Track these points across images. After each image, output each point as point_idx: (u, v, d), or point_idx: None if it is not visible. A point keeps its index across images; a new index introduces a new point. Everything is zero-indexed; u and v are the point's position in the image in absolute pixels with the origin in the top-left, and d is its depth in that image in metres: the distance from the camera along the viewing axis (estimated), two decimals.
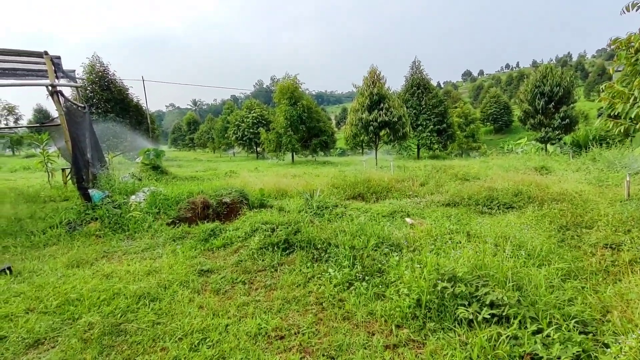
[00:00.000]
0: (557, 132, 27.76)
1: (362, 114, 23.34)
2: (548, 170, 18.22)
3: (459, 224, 7.61)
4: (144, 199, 9.29)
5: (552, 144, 27.73)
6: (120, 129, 29.19)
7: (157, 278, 5.20)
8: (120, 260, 6.22)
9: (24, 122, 67.26)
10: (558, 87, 28.32)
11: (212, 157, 57.68)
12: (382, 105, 23.28)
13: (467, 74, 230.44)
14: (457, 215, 10.23)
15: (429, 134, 38.99)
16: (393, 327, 3.92)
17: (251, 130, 47.64)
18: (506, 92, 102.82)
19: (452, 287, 4.05)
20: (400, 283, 4.67)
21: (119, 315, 4.30)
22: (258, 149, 50.83)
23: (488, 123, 73.16)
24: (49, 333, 4.04)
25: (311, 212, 11.47)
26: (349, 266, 5.24)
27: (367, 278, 4.98)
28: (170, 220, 8.66)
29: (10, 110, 66.19)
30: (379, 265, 5.30)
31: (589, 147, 26.55)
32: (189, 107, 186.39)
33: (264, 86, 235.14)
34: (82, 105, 11.56)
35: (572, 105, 29.00)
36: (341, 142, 58.70)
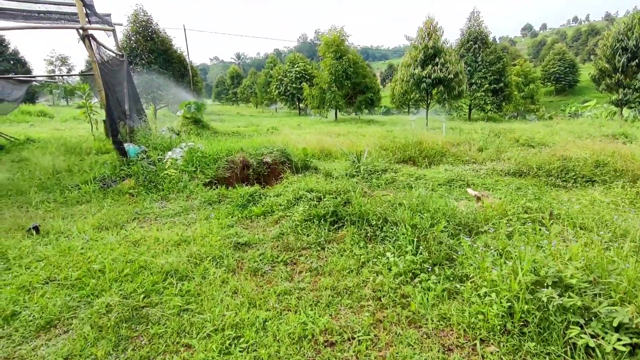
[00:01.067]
0: (637, 95, 24.41)
1: (414, 69, 21.42)
2: (629, 138, 15.98)
3: (537, 201, 6.38)
4: (180, 156, 8.70)
5: (631, 107, 24.54)
6: (164, 81, 28.96)
7: (188, 251, 4.54)
8: (151, 225, 5.65)
9: (76, 72, 69.44)
10: None
11: (255, 112, 57.40)
12: (437, 60, 21.18)
13: (527, 28, 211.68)
14: (527, 188, 8.93)
15: (483, 94, 36.08)
16: (477, 342, 3.02)
17: (294, 85, 46.34)
18: (572, 48, 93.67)
19: (559, 296, 3.05)
20: (479, 279, 3.71)
21: (142, 296, 3.68)
22: (300, 105, 49.71)
23: (549, 83, 67.15)
24: (63, 313, 3.50)
25: (358, 176, 10.55)
26: (411, 251, 4.32)
27: (435, 268, 4.05)
28: (208, 180, 8.04)
29: (63, 60, 68.33)
30: (447, 251, 4.34)
31: None
32: (233, 60, 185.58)
33: (308, 40, 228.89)
34: (120, 53, 10.93)
35: None
36: (386, 100, 56.26)
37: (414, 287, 3.78)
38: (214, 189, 7.24)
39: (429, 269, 4.05)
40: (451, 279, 3.87)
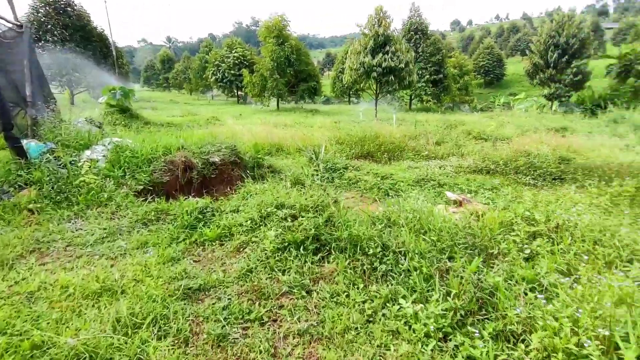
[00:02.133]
0: (567, 89, 25.85)
1: (364, 57, 20.54)
2: (570, 131, 16.46)
3: (535, 209, 5.62)
4: (103, 156, 6.89)
5: (561, 101, 25.99)
6: (82, 62, 25.33)
7: (113, 309, 3.06)
8: (58, 260, 4.01)
9: None
10: (574, 39, 25.98)
11: (190, 100, 53.75)
12: (387, 48, 20.48)
13: (455, 23, 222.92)
14: (501, 189, 8.33)
15: (424, 85, 36.51)
16: None
17: (232, 72, 43.71)
18: (496, 44, 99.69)
19: None
20: (536, 338, 2.71)
21: None
22: (239, 93, 47.23)
23: (479, 76, 70.62)
24: None
25: (317, 175, 9.36)
26: (433, 297, 3.22)
27: (467, 321, 3.00)
28: (140, 187, 6.36)
29: None
30: (474, 291, 3.31)
31: (600, 107, 24.92)
32: (164, 44, 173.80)
33: (244, 25, 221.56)
34: (17, 23, 8.61)
35: (585, 59, 26.90)
36: (326, 89, 55.46)
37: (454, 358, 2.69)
38: (149, 201, 5.62)
39: (462, 323, 2.99)
40: (499, 337, 2.84)
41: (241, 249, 4.16)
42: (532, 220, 5.16)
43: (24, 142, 6.56)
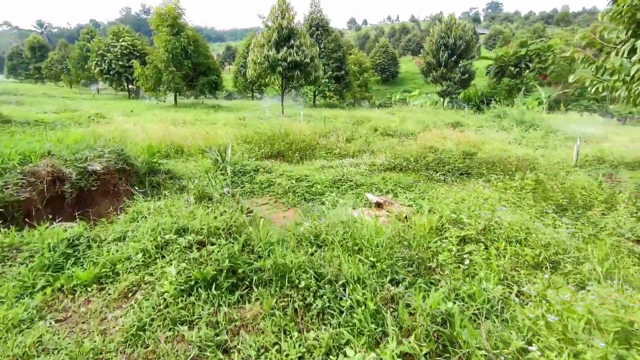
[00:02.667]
0: (456, 86, 28.10)
1: (268, 50, 19.55)
2: (464, 126, 17.66)
3: (461, 211, 5.43)
4: None
5: (452, 98, 28.17)
6: None
7: None
8: None
9: None
10: (460, 40, 28.30)
11: (69, 94, 47.17)
12: (292, 42, 19.78)
13: (352, 22, 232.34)
14: (416, 186, 8.26)
15: (327, 81, 36.81)
16: None
17: (120, 63, 39.19)
18: (390, 43, 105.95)
19: None
20: None
21: None
22: (130, 86, 42.71)
23: (376, 73, 74.15)
24: None
25: (225, 178, 8.36)
26: (390, 337, 2.62)
27: None
28: None
29: None
30: (431, 327, 2.80)
31: (483, 103, 27.52)
32: (34, 29, 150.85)
33: (133, 13, 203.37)
34: None
35: (470, 59, 29.53)
36: (227, 83, 53.16)
37: None
38: None
39: None
40: None
41: (130, 295, 3.12)
42: (459, 223, 4.94)
43: None
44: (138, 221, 4.13)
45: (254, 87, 48.43)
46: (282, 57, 19.51)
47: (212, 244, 3.41)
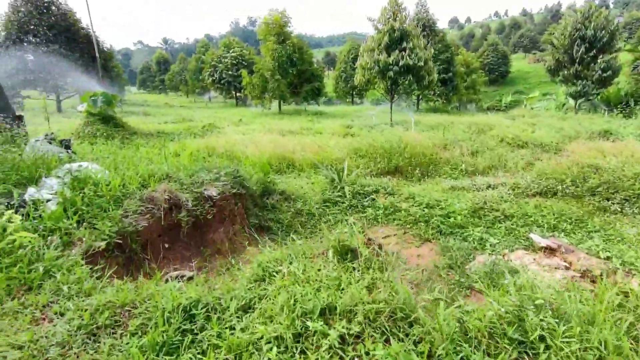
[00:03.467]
0: (594, 86, 23.80)
1: (378, 54, 18.48)
2: (615, 135, 14.47)
3: None
4: (54, 193, 4.89)
5: (589, 99, 23.95)
6: (69, 65, 23.26)
7: None
8: None
9: None
10: (602, 31, 23.93)
11: (186, 102, 51.73)
12: (404, 45, 18.43)
13: (454, 21, 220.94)
14: (589, 221, 6.37)
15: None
16: None
17: (230, 72, 41.61)
18: (499, 40, 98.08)
19: None
20: None
21: None
22: (238, 95, 45.17)
23: (483, 73, 68.55)
24: None
25: (344, 202, 7.39)
26: None
27: None
28: (104, 242, 4.38)
29: None
30: None
31: (628, 105, 22.92)
32: (160, 45, 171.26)
33: (241, 25, 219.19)
34: None
35: (615, 53, 24.85)
36: (328, 88, 53.44)
37: None
38: (108, 277, 3.64)
39: None
40: None
41: None
42: None
43: None
44: (265, 280, 3.24)
45: (354, 93, 47.88)
46: (393, 61, 18.21)
47: (373, 340, 2.31)
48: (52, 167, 5.68)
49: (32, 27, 23.11)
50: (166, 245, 5.38)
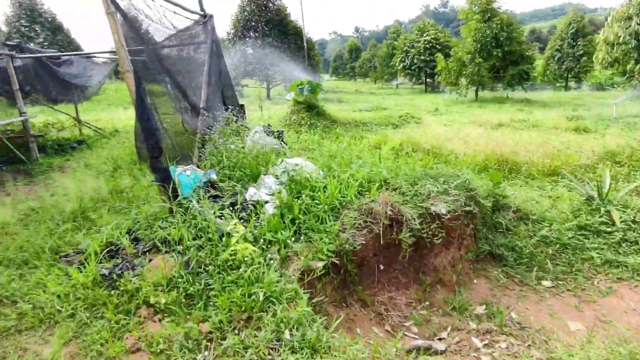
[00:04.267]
0: None
1: (638, 24, 13.92)
2: None
3: None
4: (272, 195, 4.54)
5: None
6: (279, 55, 25.71)
7: None
8: None
9: None
10: None
11: (374, 89, 52.47)
12: None
13: None
14: None
15: None
16: None
17: (422, 58, 39.76)
18: None
19: None
20: None
21: None
22: (428, 80, 43.06)
23: None
24: None
25: (612, 234, 5.25)
26: None
27: None
28: (321, 261, 3.73)
29: None
30: None
31: None
32: (352, 34, 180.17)
33: (431, 8, 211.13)
34: (201, 12, 7.13)
35: None
36: (538, 70, 45.76)
37: None
38: (326, 292, 2.89)
39: None
40: None
41: None
42: None
43: (177, 170, 4.70)
44: None
45: (569, 76, 39.75)
46: None
47: None
48: (270, 163, 5.47)
49: (253, 23, 26.38)
50: (381, 267, 4.53)
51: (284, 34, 27.51)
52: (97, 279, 3.48)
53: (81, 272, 3.55)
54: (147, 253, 3.92)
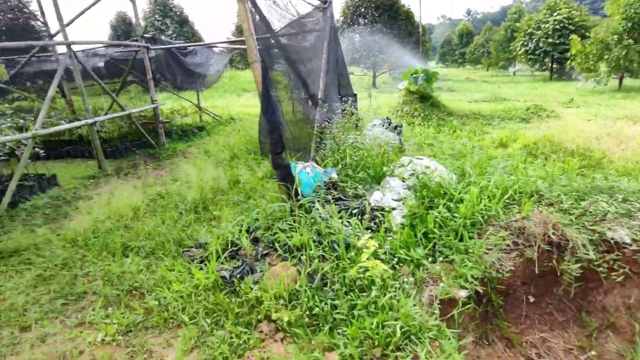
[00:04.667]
0: None
1: None
2: None
3: None
4: (399, 200, 3.99)
5: None
6: (387, 42, 24.71)
7: None
8: None
9: None
10: None
11: (487, 76, 48.14)
12: None
13: None
14: None
15: None
16: None
17: (550, 41, 35.03)
18: None
19: None
20: None
21: None
22: (554, 66, 37.92)
23: None
24: None
25: None
26: None
27: None
28: (463, 290, 3.10)
29: None
30: None
31: None
32: (463, 17, 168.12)
33: None
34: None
35: None
36: None
37: None
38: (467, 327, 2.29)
39: None
40: None
41: None
42: None
43: (297, 167, 4.41)
44: None
45: None
46: None
47: None
48: (392, 162, 4.90)
49: (363, 9, 25.72)
50: (530, 299, 3.72)
51: (393, 19, 26.32)
52: (218, 281, 3.33)
53: (201, 269, 3.44)
54: (266, 256, 3.69)
